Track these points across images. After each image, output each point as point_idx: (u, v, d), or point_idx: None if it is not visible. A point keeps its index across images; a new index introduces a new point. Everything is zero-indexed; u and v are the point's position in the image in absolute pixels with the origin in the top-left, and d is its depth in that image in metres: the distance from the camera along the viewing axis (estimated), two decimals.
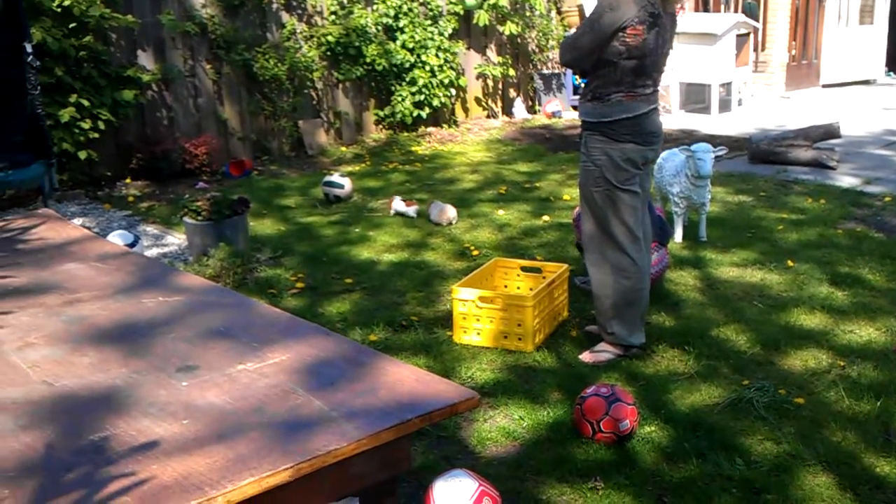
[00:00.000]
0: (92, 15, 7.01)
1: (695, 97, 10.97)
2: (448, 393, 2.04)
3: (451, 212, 6.32)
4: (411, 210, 6.52)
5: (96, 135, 7.10)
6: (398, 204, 6.57)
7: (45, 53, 6.65)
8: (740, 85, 11.22)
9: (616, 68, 3.83)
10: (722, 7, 12.03)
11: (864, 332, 4.32)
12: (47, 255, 3.12)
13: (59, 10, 6.89)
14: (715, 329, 4.38)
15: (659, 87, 4.05)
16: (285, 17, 8.74)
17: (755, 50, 11.86)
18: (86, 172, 7.41)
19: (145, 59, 7.81)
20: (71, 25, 6.97)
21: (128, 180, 7.62)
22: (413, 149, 9.21)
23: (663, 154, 5.71)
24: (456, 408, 2.02)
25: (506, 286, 4.81)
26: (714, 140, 8.20)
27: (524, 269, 4.81)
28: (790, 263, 5.31)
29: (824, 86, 13.41)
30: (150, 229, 6.40)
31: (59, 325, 2.49)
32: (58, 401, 2.05)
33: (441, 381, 2.11)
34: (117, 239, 5.33)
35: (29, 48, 5.81)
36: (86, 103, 7.02)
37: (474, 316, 4.26)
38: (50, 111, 6.60)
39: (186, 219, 5.52)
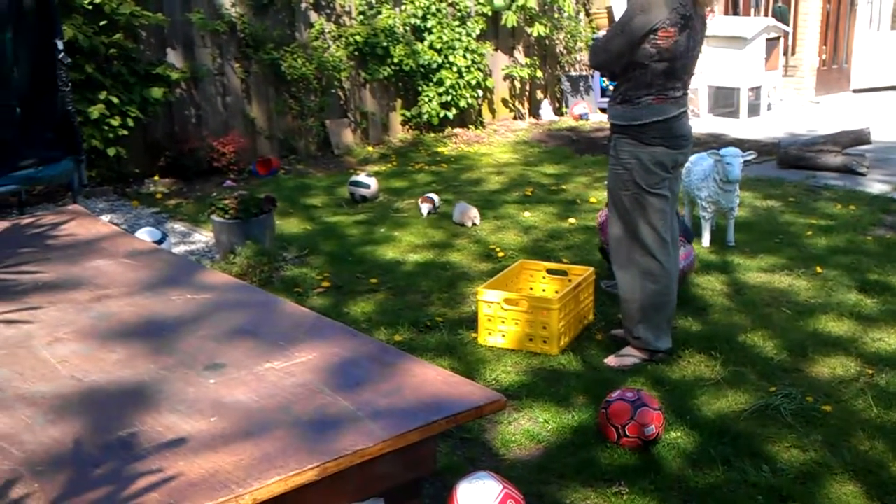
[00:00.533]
0: (122, 13, 7.06)
1: (724, 101, 10.90)
2: (474, 395, 2.04)
3: (473, 212, 6.31)
4: (424, 208, 6.58)
5: (125, 132, 7.15)
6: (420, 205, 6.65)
7: (76, 51, 6.70)
8: (770, 89, 11.14)
9: (647, 71, 3.81)
10: (752, 11, 11.94)
11: (892, 340, 4.27)
12: (77, 251, 3.15)
13: (89, 7, 6.94)
14: (742, 335, 4.35)
15: (689, 91, 4.02)
16: (314, 16, 8.76)
17: (785, 54, 11.77)
18: (114, 169, 7.46)
19: (174, 58, 7.85)
20: (101, 23, 7.02)
21: (156, 177, 7.67)
22: (439, 149, 9.21)
23: (692, 158, 5.67)
24: (481, 410, 2.01)
25: (531, 288, 4.80)
26: (743, 144, 8.15)
27: (550, 271, 4.80)
28: (818, 269, 5.26)
29: (855, 91, 13.28)
30: (178, 226, 6.43)
31: (87, 321, 2.50)
32: (86, 396, 2.06)
33: (467, 383, 2.11)
34: (145, 236, 5.37)
35: (60, 45, 5.85)
36: (115, 100, 7.07)
37: (499, 318, 4.25)
38: (80, 108, 6.65)
39: (214, 217, 5.55)
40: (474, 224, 6.27)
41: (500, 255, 5.65)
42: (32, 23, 5.96)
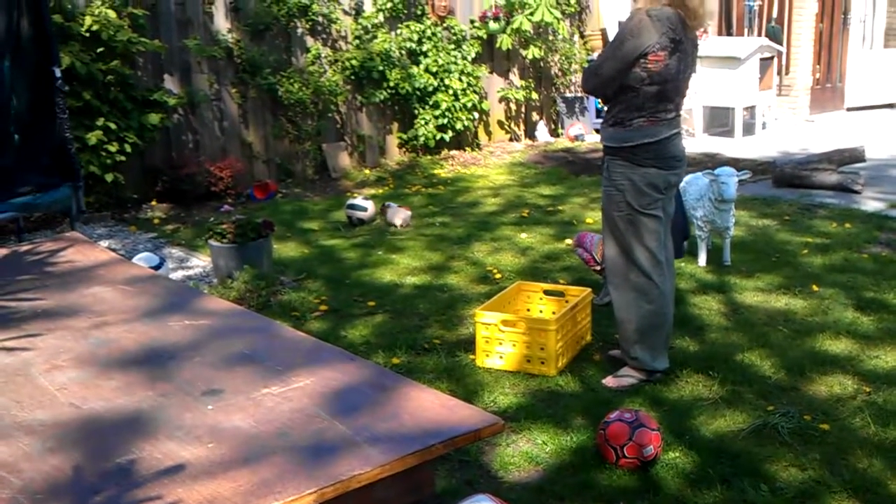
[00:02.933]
0: (119, 39, 7.10)
1: (718, 121, 10.95)
2: (472, 419, 2.05)
3: (404, 213, 6.88)
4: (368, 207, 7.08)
5: (123, 158, 7.17)
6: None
7: (74, 77, 6.74)
8: (764, 108, 11.20)
9: (638, 94, 3.84)
10: (745, 31, 12.01)
11: (890, 358, 4.28)
12: (75, 278, 3.16)
13: (87, 34, 6.98)
14: (739, 354, 4.35)
15: (681, 112, 4.05)
16: (310, 41, 8.82)
17: (779, 73, 11.83)
18: (112, 195, 7.48)
19: (171, 83, 7.89)
20: (99, 50, 7.06)
21: (153, 203, 7.68)
22: (435, 172, 9.24)
23: (687, 178, 5.70)
24: (480, 433, 2.02)
25: (528, 310, 4.81)
26: (738, 163, 8.18)
27: (547, 292, 4.81)
28: (815, 288, 5.27)
29: (849, 109, 13.35)
30: (176, 251, 6.44)
31: (86, 348, 2.52)
32: (85, 423, 2.07)
33: (465, 407, 2.12)
34: (143, 261, 5.38)
35: (58, 73, 5.89)
36: (113, 126, 7.09)
37: (497, 340, 4.26)
38: (77, 134, 6.67)
39: (211, 241, 5.57)
40: (406, 225, 6.80)
41: (497, 276, 5.67)
42: (30, 50, 6.00)
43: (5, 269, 3.29)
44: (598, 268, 4.96)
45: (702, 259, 5.74)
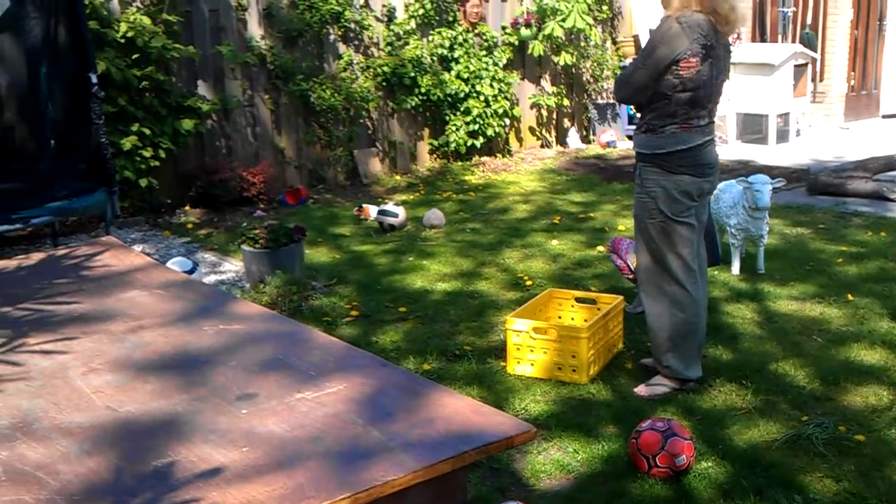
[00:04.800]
0: (154, 46, 7.17)
1: (752, 127, 10.86)
2: (504, 426, 2.05)
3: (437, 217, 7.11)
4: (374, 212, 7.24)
5: (157, 163, 7.25)
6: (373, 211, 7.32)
7: (109, 83, 6.81)
8: (798, 115, 11.10)
9: (670, 101, 3.82)
10: (779, 37, 11.91)
11: None
12: (111, 282, 3.20)
13: (122, 41, 7.06)
14: (773, 363, 4.32)
15: (715, 118, 4.02)
16: (342, 48, 8.86)
17: (813, 80, 11.71)
18: (146, 200, 7.55)
19: (205, 90, 7.96)
20: (134, 56, 7.14)
21: (187, 207, 7.75)
22: (466, 178, 9.24)
23: (720, 185, 5.66)
24: (512, 441, 2.02)
25: (560, 317, 4.79)
26: (771, 171, 8.11)
27: (579, 300, 4.79)
28: (850, 297, 5.22)
29: (884, 116, 13.18)
30: (208, 256, 6.50)
31: (122, 352, 2.54)
32: (121, 426, 2.09)
33: (497, 414, 2.11)
34: (176, 266, 5.43)
35: (94, 79, 5.96)
36: (147, 132, 7.17)
37: (528, 347, 4.25)
38: (112, 140, 6.74)
39: (244, 246, 5.61)
40: (433, 227, 7.03)
41: (528, 283, 5.66)
42: (67, 57, 6.08)
43: (43, 273, 3.34)
44: (632, 275, 4.94)
45: (735, 267, 5.69)
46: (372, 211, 7.29)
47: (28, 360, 2.50)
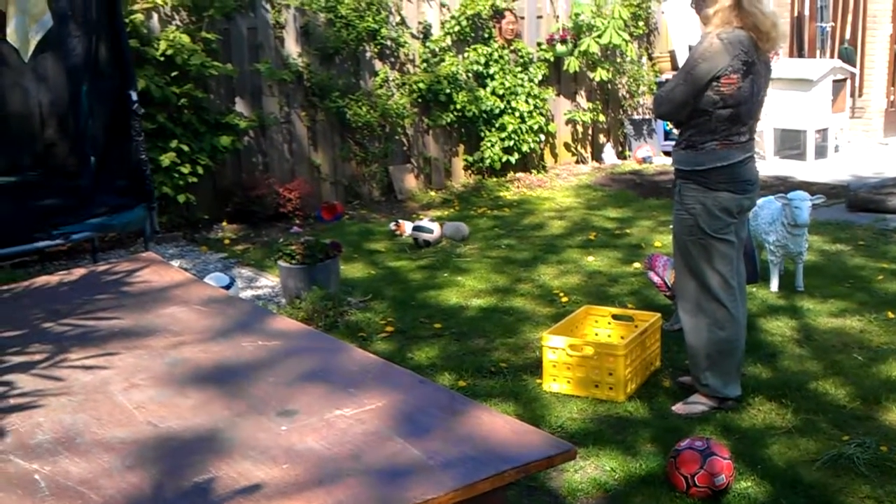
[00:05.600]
0: (193, 63, 7.25)
1: (790, 143, 10.77)
2: (544, 445, 2.03)
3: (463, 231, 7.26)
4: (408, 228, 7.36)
5: (195, 179, 7.32)
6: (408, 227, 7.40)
7: (148, 101, 6.89)
8: (837, 131, 10.99)
9: (710, 117, 3.80)
10: (817, 52, 11.82)
11: None
12: (151, 298, 3.23)
13: (162, 58, 7.15)
14: (813, 382, 4.26)
15: (755, 135, 4.00)
16: (378, 65, 8.91)
17: (852, 95, 11.59)
18: (184, 215, 7.63)
19: (242, 106, 8.03)
20: (173, 73, 7.22)
21: (224, 223, 7.82)
22: (501, 194, 9.24)
23: (759, 201, 5.60)
24: (552, 460, 2.01)
25: (596, 334, 4.77)
26: (810, 187, 8.03)
27: (615, 317, 4.77)
28: (890, 315, 5.14)
29: None
30: (245, 272, 6.54)
31: (163, 367, 2.56)
32: (162, 442, 2.11)
33: (536, 433, 2.10)
34: (213, 281, 5.48)
35: (134, 96, 6.04)
36: (185, 149, 7.25)
37: (564, 364, 4.24)
38: (151, 156, 6.81)
39: (281, 262, 5.64)
40: (464, 239, 7.18)
41: (564, 299, 5.64)
42: (107, 75, 6.16)
43: (84, 289, 3.38)
44: (669, 292, 4.91)
45: (774, 284, 5.64)
46: (407, 227, 7.31)
47: (70, 375, 2.53)
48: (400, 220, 7.52)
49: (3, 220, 5.70)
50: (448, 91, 9.12)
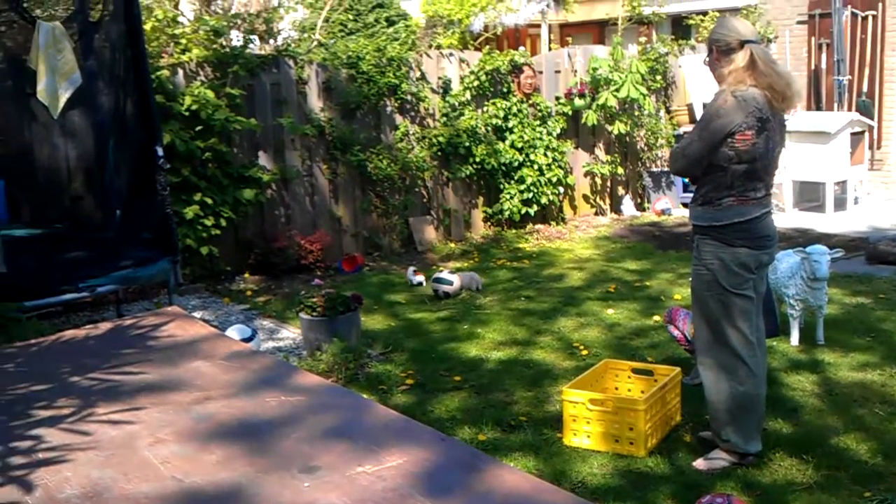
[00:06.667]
0: (217, 118, 7.39)
1: (809, 196, 10.79)
2: (565, 503, 2.05)
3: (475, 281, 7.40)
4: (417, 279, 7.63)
5: (218, 231, 7.42)
6: (410, 274, 7.67)
7: (173, 154, 7.01)
8: (856, 183, 11.00)
9: (727, 173, 3.84)
10: (835, 105, 11.88)
11: None
12: (176, 353, 3.28)
13: (187, 113, 7.29)
14: (834, 437, 4.25)
15: (772, 190, 4.03)
16: (399, 119, 9.04)
17: (871, 148, 11.63)
18: (207, 267, 7.71)
19: (265, 160, 8.15)
20: (198, 128, 7.36)
21: (246, 275, 7.89)
22: (520, 245, 9.29)
23: (778, 255, 5.62)
24: None
25: (616, 388, 4.77)
26: (829, 239, 8.05)
27: (635, 370, 4.78)
28: None
29: None
30: (266, 323, 6.60)
31: (188, 422, 2.60)
32: (187, 497, 2.14)
33: (558, 492, 2.12)
34: (235, 333, 5.53)
35: (160, 151, 6.17)
36: (209, 201, 7.35)
37: (585, 418, 4.24)
38: (175, 209, 6.92)
39: (302, 314, 5.70)
40: (478, 289, 7.31)
41: (584, 353, 5.65)
42: (134, 130, 6.30)
43: (111, 344, 3.43)
44: (689, 346, 4.92)
45: (794, 338, 5.63)
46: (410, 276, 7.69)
47: (97, 430, 2.57)
48: (413, 268, 7.83)
49: (31, 273, 5.80)
50: (467, 144, 9.23)
